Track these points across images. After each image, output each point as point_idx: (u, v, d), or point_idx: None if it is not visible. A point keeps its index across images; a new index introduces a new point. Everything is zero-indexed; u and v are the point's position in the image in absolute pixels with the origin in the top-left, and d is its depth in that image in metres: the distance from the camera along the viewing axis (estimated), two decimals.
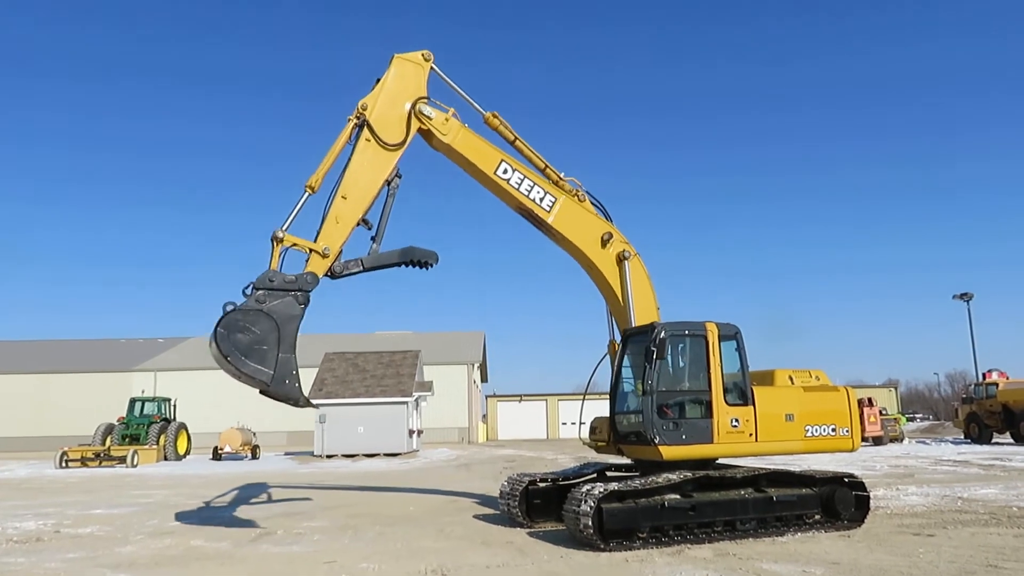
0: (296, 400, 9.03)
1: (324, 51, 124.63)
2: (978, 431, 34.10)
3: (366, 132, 10.12)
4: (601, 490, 8.63)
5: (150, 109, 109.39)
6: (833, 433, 10.09)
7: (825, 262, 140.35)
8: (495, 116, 11.11)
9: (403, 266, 10.38)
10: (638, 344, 10.21)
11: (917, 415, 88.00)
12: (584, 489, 8.78)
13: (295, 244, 9.55)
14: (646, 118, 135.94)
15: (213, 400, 52.02)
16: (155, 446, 31.37)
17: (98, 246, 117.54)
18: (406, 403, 34.18)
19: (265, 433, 43.55)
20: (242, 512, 13.11)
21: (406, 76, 10.58)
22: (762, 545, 8.72)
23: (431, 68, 10.78)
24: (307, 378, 38.50)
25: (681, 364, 10.10)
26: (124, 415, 33.85)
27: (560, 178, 11.21)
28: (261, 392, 9.16)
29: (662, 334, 9.48)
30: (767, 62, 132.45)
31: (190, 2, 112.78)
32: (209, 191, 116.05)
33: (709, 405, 9.51)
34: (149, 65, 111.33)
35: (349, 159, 10.07)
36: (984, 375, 37.14)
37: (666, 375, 9.70)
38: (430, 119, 10.54)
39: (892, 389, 69.86)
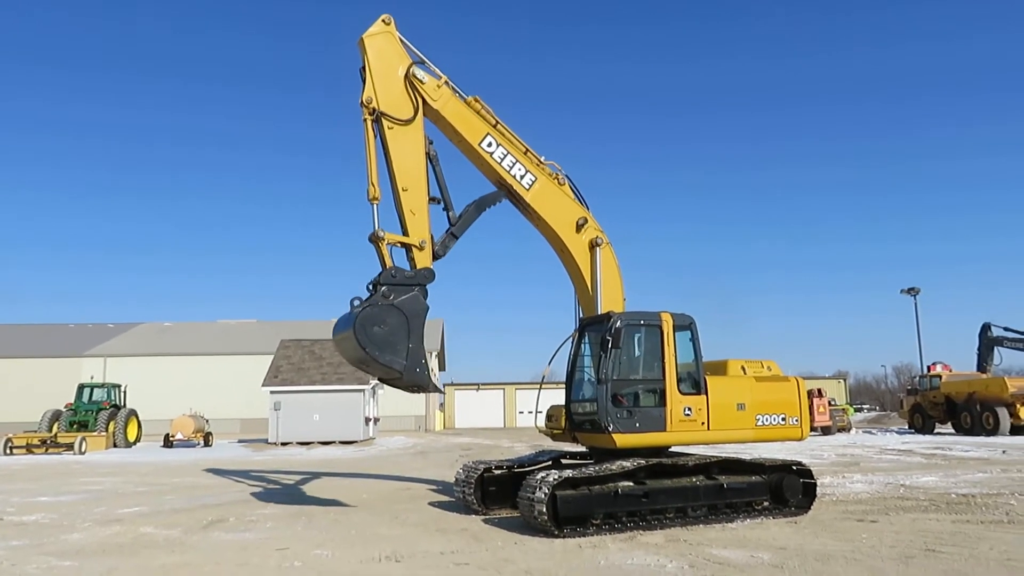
0: (426, 387, 9.72)
1: (285, 39, 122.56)
2: (922, 421, 35.12)
3: (386, 121, 10.17)
4: (555, 477, 8.71)
5: (107, 94, 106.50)
6: (783, 422, 10.31)
7: (779, 257, 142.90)
8: (477, 100, 11.09)
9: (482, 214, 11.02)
10: (595, 333, 10.31)
11: (864, 406, 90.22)
12: (539, 476, 8.85)
13: (396, 242, 9.96)
14: (599, 112, 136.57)
15: (165, 386, 51.20)
16: (104, 433, 30.74)
17: (47, 230, 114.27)
18: (363, 391, 34.02)
19: (218, 420, 42.92)
20: (193, 499, 12.94)
21: (383, 49, 10.51)
22: (712, 531, 8.90)
23: (398, 35, 10.70)
24: (263, 365, 38.18)
25: (636, 353, 10.22)
26: (72, 401, 33.12)
27: (540, 161, 11.32)
28: (384, 380, 9.90)
29: (618, 323, 9.58)
30: (726, 58, 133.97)
31: None
32: (161, 176, 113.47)
33: (663, 394, 9.65)
34: (95, 48, 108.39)
35: (387, 154, 10.14)
36: (929, 368, 38.27)
37: (621, 364, 9.81)
38: (423, 83, 10.57)
39: (841, 380, 71.55)
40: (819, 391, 35.11)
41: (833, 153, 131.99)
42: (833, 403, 37.61)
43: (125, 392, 35.43)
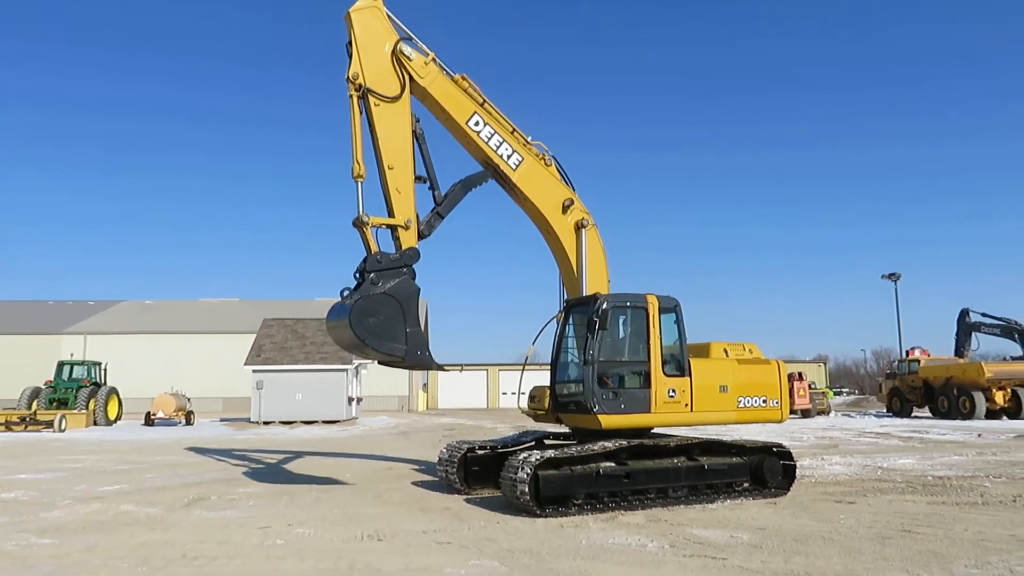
0: (428, 367, 9.85)
1: (272, 14, 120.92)
2: (899, 405, 35.57)
3: (372, 98, 9.95)
4: (538, 457, 8.75)
5: (86, 68, 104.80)
6: (764, 404, 10.40)
7: (761, 240, 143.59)
8: (464, 78, 10.87)
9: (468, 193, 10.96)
10: (581, 314, 10.32)
11: (844, 389, 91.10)
12: (521, 456, 8.88)
13: (381, 224, 9.84)
14: (578, 92, 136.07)
15: (146, 365, 50.83)
16: (84, 411, 30.49)
17: (27, 206, 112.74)
18: (346, 370, 33.94)
19: (200, 399, 42.76)
20: (174, 477, 12.89)
21: (370, 24, 10.26)
22: (693, 511, 8.98)
23: (385, 10, 10.46)
24: (245, 344, 38.00)
25: (622, 335, 10.25)
26: (52, 379, 32.83)
27: (527, 141, 11.18)
28: (385, 364, 9.93)
29: (605, 305, 9.60)
30: (711, 40, 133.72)
31: None
32: (142, 153, 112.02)
33: (648, 376, 9.70)
34: (77, 24, 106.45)
35: (372, 132, 9.97)
36: (907, 352, 38.68)
37: (607, 346, 9.84)
38: (410, 60, 10.34)
39: (821, 364, 72.17)
40: (799, 374, 35.41)
41: (816, 136, 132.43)
42: (813, 386, 37.95)
43: (106, 370, 35.16)
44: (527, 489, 8.51)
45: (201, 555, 6.86)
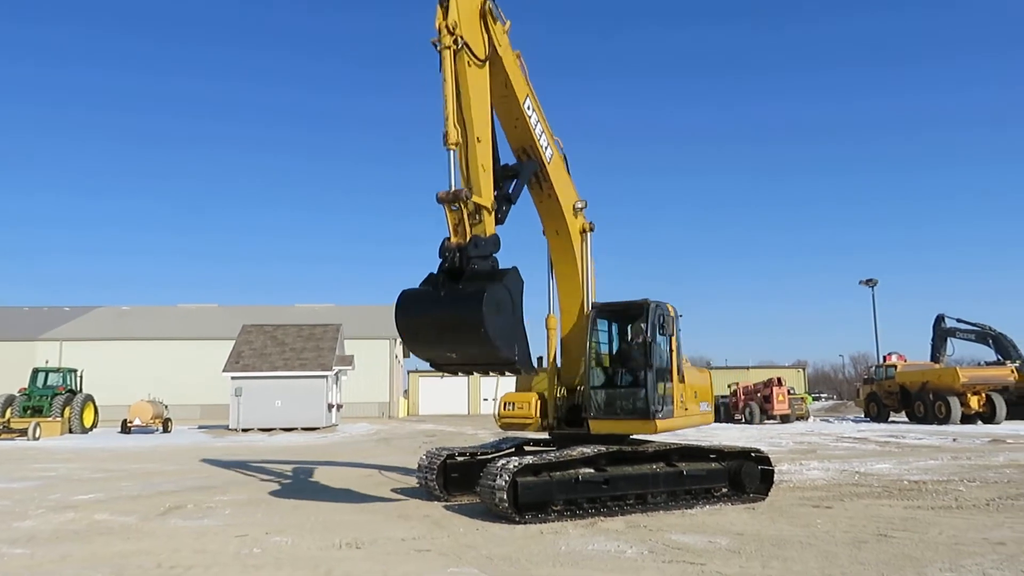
0: (530, 371, 8.92)
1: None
2: (877, 410, 35.94)
3: (466, 56, 8.49)
4: (516, 464, 8.74)
5: (71, 60, 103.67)
6: (707, 408, 11.32)
7: (740, 245, 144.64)
8: (519, 56, 9.93)
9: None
10: (609, 320, 10.68)
11: (822, 395, 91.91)
12: (499, 463, 8.87)
13: (479, 204, 8.28)
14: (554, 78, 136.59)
15: (122, 371, 50.28)
16: (59, 418, 30.10)
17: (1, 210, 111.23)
18: (326, 377, 33.78)
19: (177, 406, 42.30)
20: (150, 486, 12.74)
21: None
22: (672, 517, 9.01)
23: None
24: (223, 350, 37.69)
25: (658, 342, 10.32)
26: (26, 386, 32.39)
27: (552, 134, 10.66)
28: (482, 368, 8.65)
29: (662, 311, 9.96)
30: (686, 27, 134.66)
31: None
32: (120, 157, 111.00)
33: (672, 381, 10.04)
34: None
35: (459, 97, 8.45)
36: (884, 358, 39.13)
37: (661, 352, 10.08)
38: (495, 23, 9.21)
39: (800, 370, 72.98)
40: (778, 380, 35.69)
41: (792, 137, 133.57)
42: (792, 392, 38.27)
43: (81, 377, 34.74)
44: (505, 496, 8.50)
45: (177, 564, 6.79)
